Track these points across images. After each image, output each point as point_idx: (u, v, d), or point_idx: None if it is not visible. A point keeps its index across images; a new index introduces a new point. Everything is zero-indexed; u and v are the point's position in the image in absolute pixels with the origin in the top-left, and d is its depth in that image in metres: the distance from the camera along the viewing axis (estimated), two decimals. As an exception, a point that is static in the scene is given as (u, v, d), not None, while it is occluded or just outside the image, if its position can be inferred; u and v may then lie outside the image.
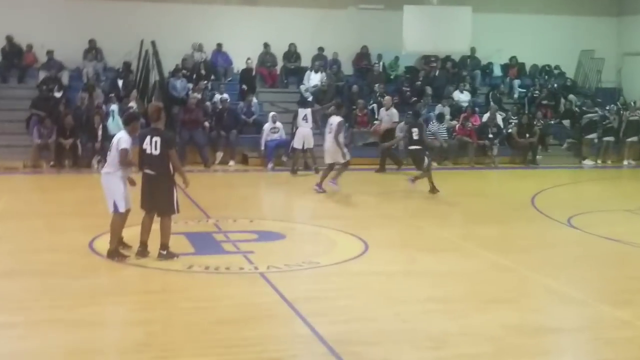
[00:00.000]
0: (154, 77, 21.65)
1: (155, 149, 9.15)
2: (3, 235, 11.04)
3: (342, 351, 6.45)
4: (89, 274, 9.22)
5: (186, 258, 9.85)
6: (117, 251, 9.61)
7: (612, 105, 22.66)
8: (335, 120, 15.25)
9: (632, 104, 23.03)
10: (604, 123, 22.02)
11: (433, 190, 15.25)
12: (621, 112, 22.51)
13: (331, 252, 10.51)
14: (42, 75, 21.00)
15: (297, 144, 18.16)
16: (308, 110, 18.46)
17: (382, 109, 20.06)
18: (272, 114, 20.15)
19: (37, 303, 8.02)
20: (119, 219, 9.55)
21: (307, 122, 18.15)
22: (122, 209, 9.51)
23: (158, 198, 9.41)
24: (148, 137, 9.18)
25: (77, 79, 21.49)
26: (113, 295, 8.39)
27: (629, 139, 22.00)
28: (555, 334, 7.40)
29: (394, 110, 19.68)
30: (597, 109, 22.54)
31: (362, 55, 23.88)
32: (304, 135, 17.96)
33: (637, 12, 24.48)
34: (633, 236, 11.71)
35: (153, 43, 21.41)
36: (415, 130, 15.59)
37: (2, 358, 6.57)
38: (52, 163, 18.55)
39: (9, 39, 21.55)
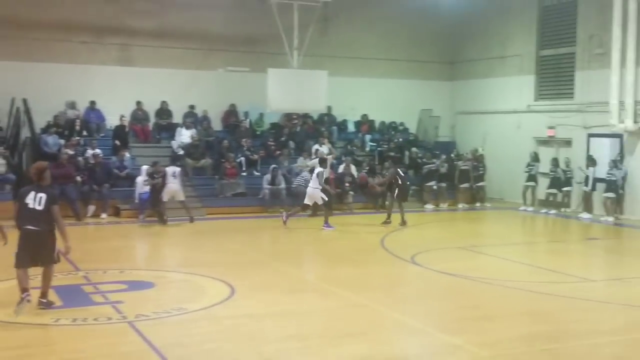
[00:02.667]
0: (24, 133, 20.27)
1: (39, 204, 8.62)
2: None
3: None
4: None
5: (53, 312, 9.24)
6: None
7: (443, 156, 22.87)
8: (317, 170, 17.05)
9: (464, 154, 23.26)
10: (438, 172, 22.13)
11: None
12: (453, 161, 22.65)
13: (199, 298, 10.18)
14: None
15: (165, 197, 17.38)
16: (177, 169, 17.81)
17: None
18: (144, 167, 18.68)
19: None
20: None
21: (175, 178, 17.51)
22: None
23: (42, 252, 8.78)
24: (32, 193, 8.67)
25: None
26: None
27: (462, 185, 22.08)
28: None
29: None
30: (434, 160, 22.56)
31: (231, 113, 23.17)
32: (173, 190, 17.43)
33: (466, 77, 25.22)
34: (465, 270, 12.14)
35: (24, 100, 20.00)
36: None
37: None
38: None
39: None
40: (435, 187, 21.62)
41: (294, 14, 21.20)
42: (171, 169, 17.65)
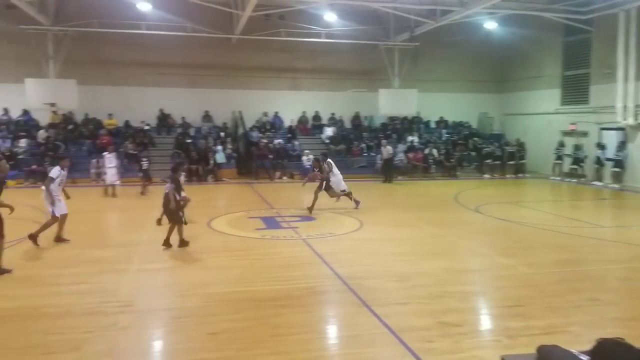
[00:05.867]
0: (240, 131, 21.92)
1: None
2: (154, 216, 10.99)
3: (351, 283, 6.67)
4: (205, 240, 9.24)
5: (260, 231, 9.88)
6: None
7: (496, 143, 22.69)
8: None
9: (511, 141, 22.88)
10: (494, 154, 21.99)
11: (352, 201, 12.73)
12: (503, 146, 22.41)
13: (341, 227, 10.49)
14: (179, 130, 21.34)
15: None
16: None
17: (382, 147, 19.78)
18: (306, 151, 20.33)
19: (176, 254, 8.16)
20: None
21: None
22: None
23: None
24: None
25: (198, 132, 21.69)
26: (219, 252, 8.40)
27: (509, 162, 21.86)
28: (471, 272, 7.59)
29: (388, 147, 19.61)
30: (490, 146, 22.48)
31: (356, 117, 23.89)
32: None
33: (512, 91, 24.51)
34: (512, 217, 11.81)
35: (240, 112, 21.82)
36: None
37: (159, 287, 6.73)
38: (186, 178, 18.53)
39: (162, 110, 21.88)
40: (490, 163, 21.69)
41: (395, 53, 22.33)
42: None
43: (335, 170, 12.66)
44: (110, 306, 5.87)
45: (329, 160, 12.93)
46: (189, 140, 20.25)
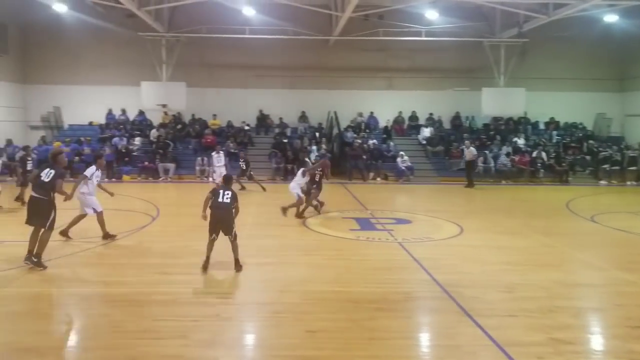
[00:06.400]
0: (335, 131, 22.20)
1: (47, 178, 7.21)
2: (250, 213, 11.39)
3: (451, 290, 6.44)
4: (301, 238, 9.51)
5: (354, 232, 9.88)
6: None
7: (614, 147, 21.14)
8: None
9: (632, 145, 21.20)
10: (612, 158, 20.39)
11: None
12: (622, 150, 20.82)
13: (439, 232, 10.22)
14: (276, 130, 22.09)
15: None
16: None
17: (465, 148, 18.97)
18: (401, 152, 20.06)
19: (273, 251, 8.47)
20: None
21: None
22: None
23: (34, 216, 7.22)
24: (46, 170, 7.29)
25: (294, 132, 22.27)
26: (314, 251, 8.55)
27: (630, 168, 20.20)
28: (586, 287, 7.05)
29: (472, 148, 18.81)
30: (608, 149, 20.89)
31: (456, 117, 23.30)
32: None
33: (633, 90, 22.80)
34: (634, 228, 10.87)
35: (335, 112, 22.07)
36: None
37: (259, 281, 6.95)
38: (282, 178, 19.31)
39: (261, 111, 22.78)
40: (608, 168, 20.02)
41: (501, 50, 21.33)
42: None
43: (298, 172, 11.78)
44: (215, 297, 6.22)
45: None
46: (285, 140, 20.84)
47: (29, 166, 13.08)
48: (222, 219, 7.20)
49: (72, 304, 6.11)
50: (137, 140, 21.00)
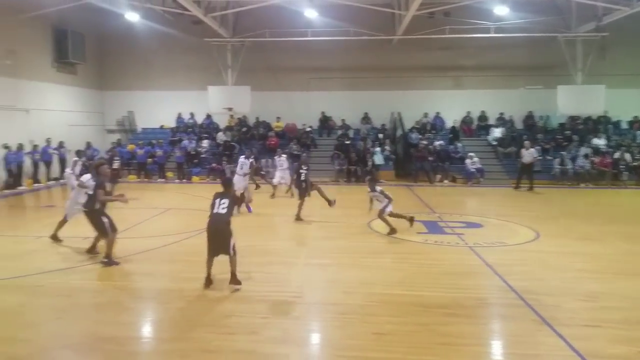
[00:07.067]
0: (399, 132, 22.00)
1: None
2: (314, 214, 11.63)
3: (527, 298, 6.26)
4: (366, 240, 9.48)
5: (422, 235, 9.83)
6: None
7: None
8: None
9: None
10: None
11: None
12: None
13: (514, 237, 9.85)
14: (339, 132, 22.21)
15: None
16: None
17: (523, 149, 17.58)
18: (470, 154, 19.51)
19: (339, 252, 8.51)
20: None
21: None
22: None
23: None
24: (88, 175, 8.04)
25: (357, 134, 22.28)
26: (380, 253, 8.57)
27: None
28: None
29: (532, 149, 17.76)
30: None
31: (528, 117, 22.36)
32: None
33: None
34: None
35: (399, 113, 21.88)
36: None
37: (325, 281, 7.02)
38: (345, 179, 19.39)
39: (323, 113, 23.02)
40: None
41: (577, 46, 20.29)
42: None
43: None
44: (283, 296, 6.35)
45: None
46: (347, 142, 20.91)
47: (115, 164, 14.22)
48: (216, 233, 6.27)
49: (149, 297, 6.45)
50: (205, 143, 21.84)
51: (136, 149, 20.79)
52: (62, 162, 18.77)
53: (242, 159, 13.38)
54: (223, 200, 6.38)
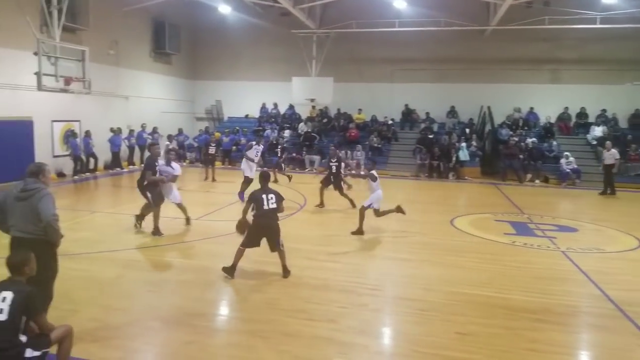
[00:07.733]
0: (487, 127, 21.20)
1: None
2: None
3: (627, 310, 5.86)
4: (448, 238, 9.30)
5: (510, 236, 9.46)
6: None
7: None
8: None
9: None
10: None
11: None
12: None
13: (613, 244, 9.24)
14: (422, 125, 21.80)
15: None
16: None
17: (605, 151, 16.17)
18: (566, 153, 18.31)
19: (420, 248, 8.39)
20: None
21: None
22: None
23: None
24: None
25: (442, 128, 21.77)
26: (463, 252, 8.34)
27: None
28: None
29: (613, 150, 16.12)
30: None
31: (635, 115, 20.58)
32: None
33: None
34: None
35: (489, 107, 21.05)
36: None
37: (404, 276, 6.96)
38: (426, 174, 19.02)
39: (406, 106, 22.68)
40: None
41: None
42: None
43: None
44: (362, 287, 6.40)
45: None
46: (431, 136, 20.48)
47: (211, 150, 16.75)
48: (267, 228, 6.42)
49: (233, 277, 6.68)
50: (287, 133, 22.36)
51: (222, 137, 21.73)
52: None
53: (256, 146, 13.16)
54: (270, 196, 6.48)
